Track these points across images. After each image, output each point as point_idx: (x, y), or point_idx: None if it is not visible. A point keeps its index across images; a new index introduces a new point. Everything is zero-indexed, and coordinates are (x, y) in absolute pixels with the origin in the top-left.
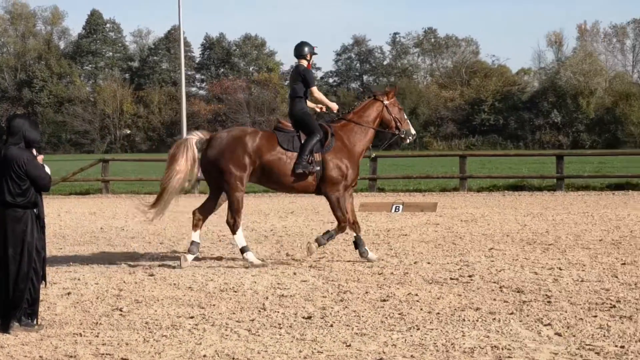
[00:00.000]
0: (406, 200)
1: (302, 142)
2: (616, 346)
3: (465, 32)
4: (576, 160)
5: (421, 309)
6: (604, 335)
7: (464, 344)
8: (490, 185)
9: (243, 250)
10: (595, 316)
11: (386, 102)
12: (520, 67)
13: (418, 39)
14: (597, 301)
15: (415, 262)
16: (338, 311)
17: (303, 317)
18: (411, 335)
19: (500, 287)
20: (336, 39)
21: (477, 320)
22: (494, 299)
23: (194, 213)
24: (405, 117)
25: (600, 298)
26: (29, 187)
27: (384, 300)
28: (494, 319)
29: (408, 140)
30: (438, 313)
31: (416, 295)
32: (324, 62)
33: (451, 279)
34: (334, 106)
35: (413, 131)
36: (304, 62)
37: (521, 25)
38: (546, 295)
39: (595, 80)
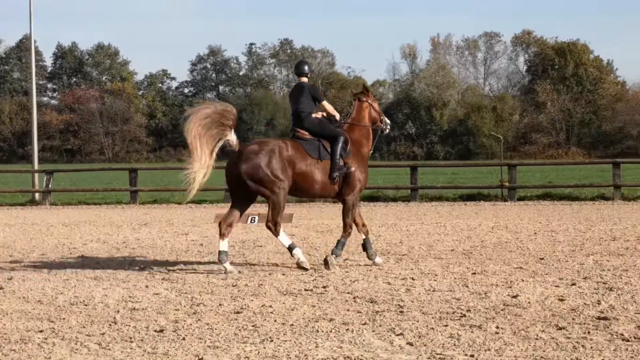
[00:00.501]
0: (262, 212)
1: (329, 148)
2: (466, 355)
3: (321, 43)
4: (430, 172)
5: (275, 321)
6: (455, 345)
7: (317, 354)
8: None
9: (290, 248)
10: (446, 325)
11: (369, 100)
12: (376, 79)
13: (274, 50)
14: (448, 310)
15: (269, 274)
16: (191, 324)
17: (155, 331)
18: (264, 347)
19: (354, 298)
20: (191, 48)
21: (331, 331)
22: (348, 310)
23: (220, 223)
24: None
25: (451, 307)
26: None
27: (238, 313)
28: (347, 329)
29: (387, 130)
30: (292, 324)
31: (270, 306)
32: (179, 72)
33: (305, 290)
34: (338, 115)
35: (387, 120)
36: (305, 79)
37: (376, 37)
38: (399, 305)
39: (448, 92)
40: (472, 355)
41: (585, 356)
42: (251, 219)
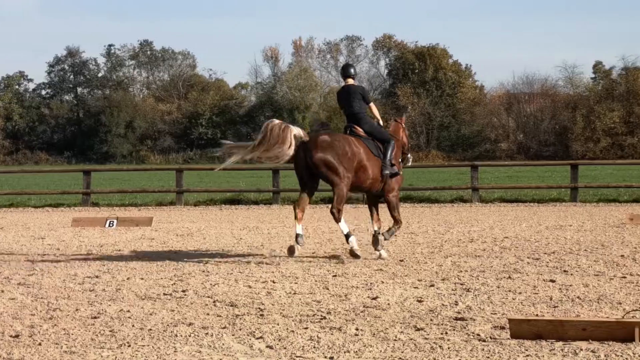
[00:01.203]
0: (121, 215)
1: (383, 148)
2: (325, 357)
3: (181, 45)
4: (291, 174)
5: (133, 326)
6: (314, 347)
7: (175, 359)
8: (207, 199)
9: (347, 236)
10: (307, 328)
11: (403, 124)
12: (238, 82)
13: (134, 51)
14: (308, 313)
15: (128, 278)
16: (47, 329)
17: (10, 336)
18: (122, 352)
19: (214, 302)
20: (49, 50)
21: (190, 336)
22: (208, 314)
23: (295, 207)
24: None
25: (311, 310)
26: None
27: (95, 317)
28: (207, 333)
29: (409, 164)
30: (150, 329)
31: (128, 311)
32: (36, 74)
33: (164, 294)
34: (380, 119)
35: (411, 156)
36: (352, 81)
37: (238, 39)
38: (259, 308)
39: (311, 95)
40: (331, 357)
41: (443, 356)
42: (109, 223)
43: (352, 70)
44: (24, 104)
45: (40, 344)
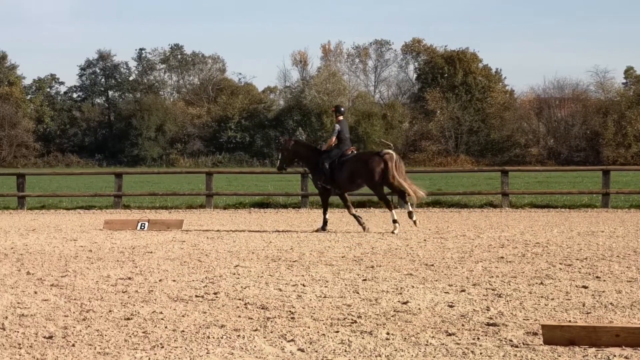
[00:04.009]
0: (152, 217)
1: None
2: None
3: (211, 49)
4: None
5: (166, 327)
6: (345, 350)
7: None
8: (236, 202)
9: (394, 221)
10: (337, 331)
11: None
12: (267, 86)
13: (164, 55)
14: (339, 317)
15: (160, 280)
16: (80, 330)
17: (44, 337)
18: (155, 354)
19: (245, 304)
20: (80, 53)
21: (222, 338)
22: (239, 316)
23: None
24: None
25: (342, 313)
26: None
27: (128, 319)
28: (239, 335)
29: None
30: (183, 331)
31: (161, 313)
32: (68, 77)
33: (196, 296)
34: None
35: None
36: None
37: (267, 43)
38: (290, 311)
39: (339, 99)
40: None
41: None
42: (141, 225)
43: (343, 109)
44: (56, 107)
45: (73, 345)
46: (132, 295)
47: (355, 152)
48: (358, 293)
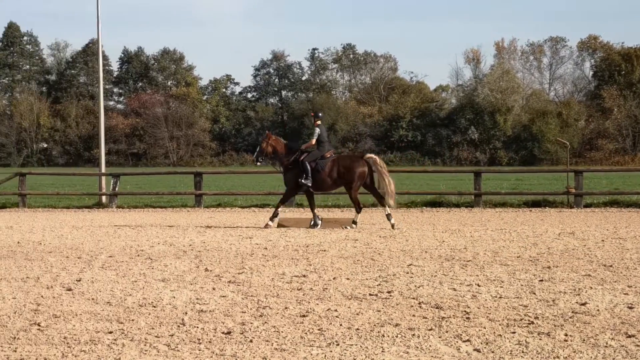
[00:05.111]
0: (325, 216)
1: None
2: None
3: (383, 48)
4: (493, 177)
5: (341, 325)
6: (523, 352)
7: (383, 359)
8: (408, 201)
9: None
10: (514, 332)
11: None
12: (438, 84)
13: (337, 55)
14: (515, 317)
15: (334, 278)
16: (257, 326)
17: (222, 333)
18: (331, 351)
19: (419, 303)
20: (255, 53)
21: (397, 336)
22: (413, 315)
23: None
24: None
25: (518, 314)
26: None
27: (304, 316)
28: (414, 334)
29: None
30: (357, 329)
31: (336, 310)
32: (243, 77)
33: (370, 294)
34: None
35: None
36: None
37: (439, 42)
38: (465, 311)
39: (513, 97)
40: None
41: None
42: (314, 224)
43: (321, 114)
44: (231, 107)
45: (251, 341)
46: (307, 292)
47: (334, 155)
48: (535, 294)
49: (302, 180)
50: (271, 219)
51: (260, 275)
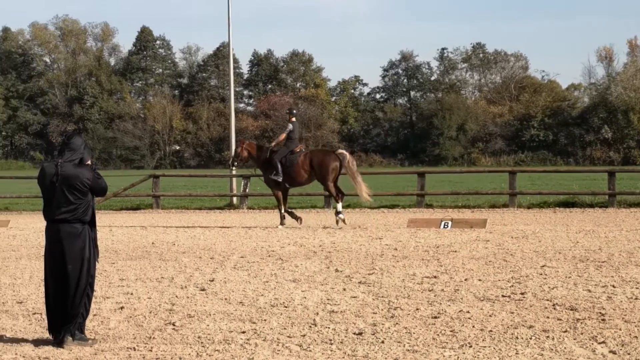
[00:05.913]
0: (455, 217)
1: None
2: None
3: (514, 47)
4: (627, 177)
5: (473, 327)
6: None
7: None
8: (540, 201)
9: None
10: None
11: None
12: (570, 83)
13: (466, 54)
14: None
15: (465, 279)
16: (389, 327)
17: (354, 333)
18: (464, 353)
19: (554, 305)
20: (383, 54)
21: (531, 339)
22: (547, 317)
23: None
24: None
25: None
26: (87, 203)
27: (435, 317)
28: (548, 337)
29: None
30: (490, 331)
31: (468, 312)
32: (371, 78)
33: (503, 296)
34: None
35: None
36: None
37: (571, 40)
38: (600, 313)
39: None
40: None
41: None
42: (444, 224)
43: (295, 111)
44: (359, 108)
45: (383, 342)
46: (438, 293)
47: (304, 149)
48: None
49: (271, 176)
50: (281, 223)
51: (390, 276)
